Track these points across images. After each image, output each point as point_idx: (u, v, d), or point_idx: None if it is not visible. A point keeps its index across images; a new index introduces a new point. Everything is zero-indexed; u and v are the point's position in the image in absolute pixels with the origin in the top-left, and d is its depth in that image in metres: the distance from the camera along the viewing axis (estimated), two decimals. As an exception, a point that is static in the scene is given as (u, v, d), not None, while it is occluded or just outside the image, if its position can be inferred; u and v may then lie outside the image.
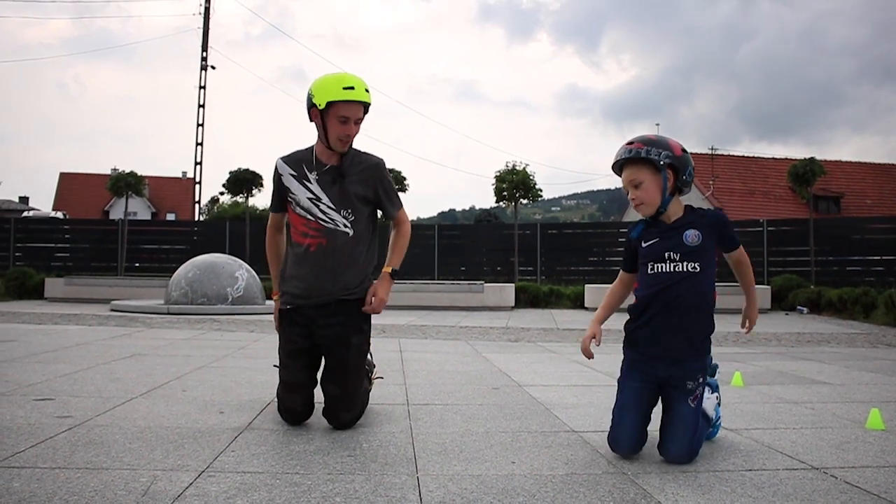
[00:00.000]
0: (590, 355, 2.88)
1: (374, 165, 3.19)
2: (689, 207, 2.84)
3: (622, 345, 2.88)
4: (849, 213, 32.07)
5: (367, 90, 3.04)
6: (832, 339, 8.85)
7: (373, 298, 3.13)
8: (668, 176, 2.71)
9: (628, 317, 2.85)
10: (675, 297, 2.70)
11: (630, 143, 2.74)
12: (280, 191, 3.20)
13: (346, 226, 3.10)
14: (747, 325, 2.96)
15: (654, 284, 2.74)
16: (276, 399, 3.28)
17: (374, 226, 3.24)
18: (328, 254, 3.08)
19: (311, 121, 3.11)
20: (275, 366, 3.25)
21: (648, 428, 2.77)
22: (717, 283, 2.81)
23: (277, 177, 3.21)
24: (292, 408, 3.14)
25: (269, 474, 2.40)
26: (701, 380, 2.73)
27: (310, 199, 3.11)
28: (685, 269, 2.70)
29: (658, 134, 2.80)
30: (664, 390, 2.75)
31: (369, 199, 3.18)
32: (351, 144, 3.13)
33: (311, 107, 3.05)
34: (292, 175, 3.16)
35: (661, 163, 2.69)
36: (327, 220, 3.09)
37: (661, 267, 2.73)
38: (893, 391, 4.49)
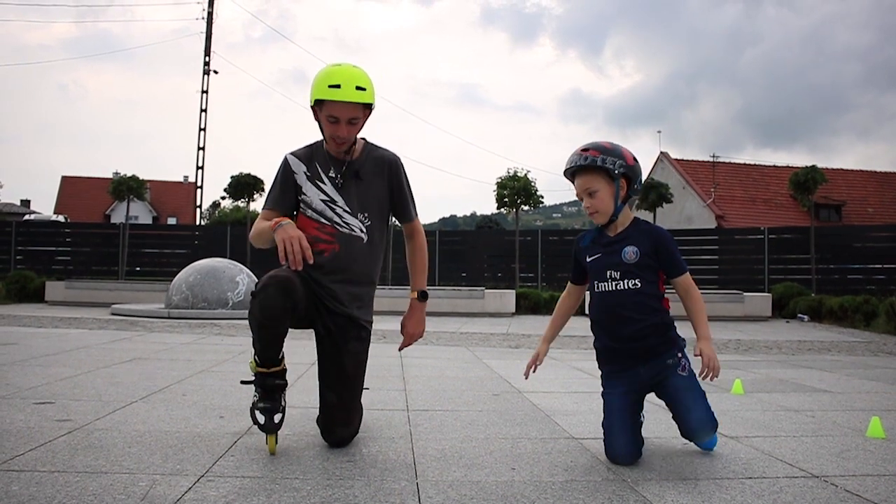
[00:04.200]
0: (526, 374, 2.99)
1: (390, 162, 2.98)
2: (634, 220, 2.82)
3: (596, 359, 2.93)
4: (850, 222, 32.05)
5: (359, 87, 2.73)
6: (833, 347, 8.84)
7: (407, 337, 3.09)
8: (621, 185, 2.72)
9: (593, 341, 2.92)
10: (621, 314, 2.73)
11: (585, 150, 2.72)
12: (290, 188, 2.91)
13: (361, 231, 2.89)
14: (703, 360, 2.66)
15: (601, 303, 2.79)
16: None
17: (386, 234, 3.05)
18: (343, 262, 2.87)
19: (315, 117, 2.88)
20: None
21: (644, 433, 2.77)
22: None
23: (290, 174, 2.93)
24: (269, 303, 2.59)
25: (269, 479, 2.40)
26: (679, 355, 2.77)
27: (324, 201, 2.88)
28: (626, 287, 2.72)
29: (610, 141, 2.78)
30: (655, 383, 2.77)
31: (385, 201, 2.98)
32: (353, 143, 2.90)
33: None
34: (306, 174, 2.91)
35: (616, 172, 2.69)
36: (343, 224, 2.87)
37: (605, 286, 2.76)
38: (894, 400, 4.48)
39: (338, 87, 2.71)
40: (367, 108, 2.83)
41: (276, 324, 2.64)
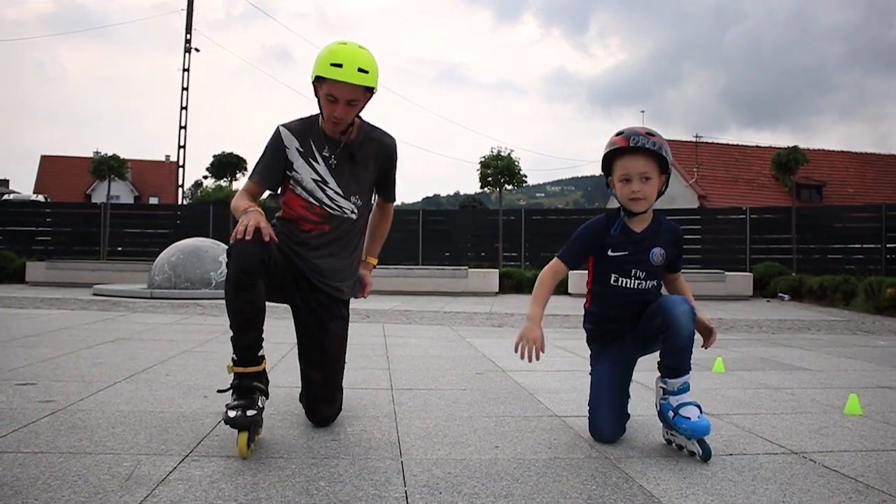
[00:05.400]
0: (530, 359, 2.68)
1: (387, 146, 2.92)
2: (654, 215, 2.79)
3: (586, 341, 2.94)
4: (830, 202, 32.32)
5: (361, 69, 2.63)
6: (813, 326, 8.94)
7: (369, 287, 3.09)
8: (662, 180, 2.70)
9: (584, 316, 2.90)
10: (632, 309, 2.75)
11: (650, 135, 2.62)
12: (280, 163, 2.82)
13: (353, 212, 2.86)
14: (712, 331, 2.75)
15: (616, 296, 2.75)
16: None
17: (370, 208, 3.04)
18: (332, 240, 2.84)
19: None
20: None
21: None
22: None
23: (281, 148, 2.82)
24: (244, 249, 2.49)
25: (254, 458, 2.40)
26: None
27: (315, 180, 2.81)
28: (647, 287, 2.74)
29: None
30: (638, 341, 2.78)
31: (373, 183, 2.95)
32: (351, 124, 2.79)
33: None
34: (298, 150, 2.81)
35: (670, 165, 2.69)
36: (334, 206, 2.82)
37: (626, 282, 2.73)
38: (872, 377, 4.55)
39: (339, 66, 2.61)
40: (369, 91, 2.73)
41: (253, 279, 2.49)
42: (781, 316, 10.52)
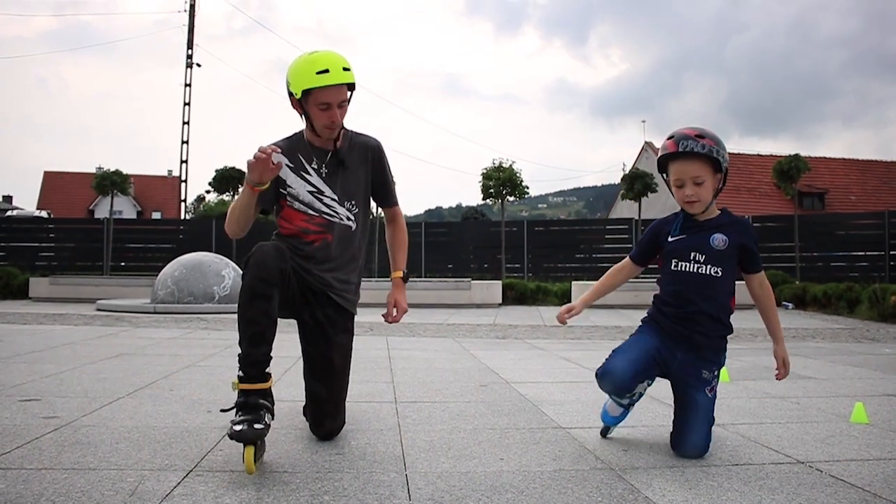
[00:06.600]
0: (562, 321, 2.90)
1: (373, 148, 2.99)
2: (723, 209, 2.81)
3: (642, 323, 2.89)
4: (833, 210, 32.31)
5: (345, 68, 2.71)
6: (817, 334, 8.92)
7: (395, 309, 3.04)
8: (717, 179, 2.72)
9: (651, 303, 2.87)
10: (694, 299, 2.70)
11: (700, 137, 2.64)
12: (272, 184, 2.78)
13: (349, 219, 2.90)
14: (781, 368, 2.86)
15: (677, 282, 2.73)
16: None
17: (368, 217, 3.04)
18: (333, 250, 2.87)
19: (294, 109, 2.84)
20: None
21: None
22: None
23: None
24: (263, 258, 2.53)
25: (258, 473, 2.39)
26: (716, 372, 2.76)
27: (311, 192, 2.85)
28: (708, 273, 2.69)
29: (708, 128, 2.73)
30: (678, 380, 2.74)
31: (368, 187, 2.98)
32: (342, 128, 2.86)
33: (290, 95, 2.79)
34: (289, 167, 2.86)
35: (724, 165, 2.69)
36: (332, 213, 2.87)
37: (685, 266, 2.71)
38: (877, 385, 4.53)
39: (326, 71, 2.68)
40: (351, 88, 2.80)
41: (270, 288, 2.49)
42: (785, 324, 10.49)
